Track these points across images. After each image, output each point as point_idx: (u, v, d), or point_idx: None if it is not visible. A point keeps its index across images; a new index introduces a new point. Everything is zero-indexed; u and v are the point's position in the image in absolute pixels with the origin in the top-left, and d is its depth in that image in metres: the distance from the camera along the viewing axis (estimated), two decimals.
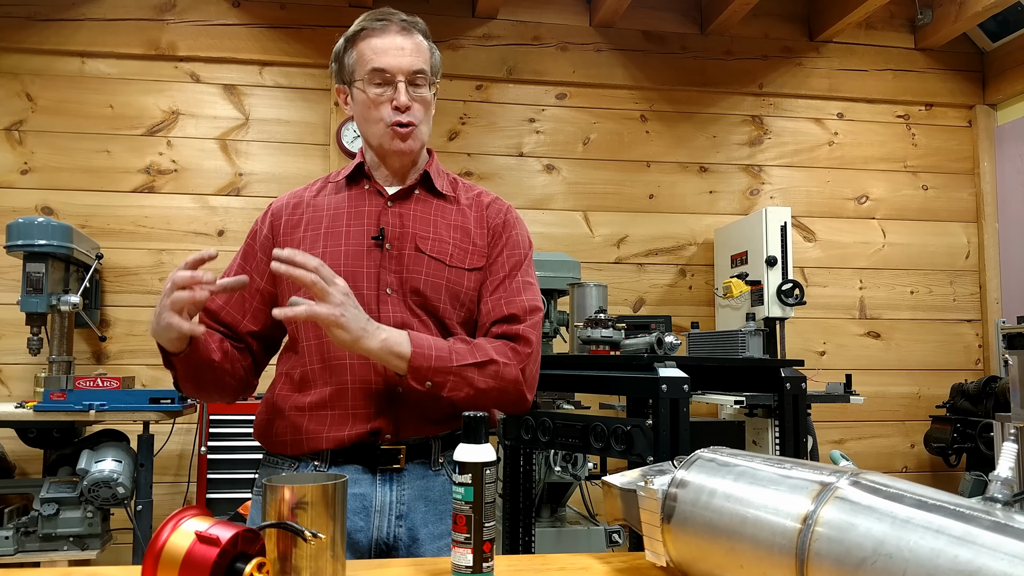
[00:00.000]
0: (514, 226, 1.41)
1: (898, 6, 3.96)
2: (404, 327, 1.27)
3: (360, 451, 1.28)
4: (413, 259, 1.32)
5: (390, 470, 1.29)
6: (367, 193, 1.37)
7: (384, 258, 1.32)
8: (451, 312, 1.33)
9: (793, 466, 0.85)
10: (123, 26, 3.40)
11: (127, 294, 3.34)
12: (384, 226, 1.33)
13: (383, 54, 1.30)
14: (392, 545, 1.28)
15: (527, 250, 1.41)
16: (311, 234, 1.35)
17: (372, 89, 1.31)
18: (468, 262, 1.35)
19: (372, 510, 1.27)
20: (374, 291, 1.30)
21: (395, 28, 1.32)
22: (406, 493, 1.29)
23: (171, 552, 0.77)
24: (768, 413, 2.94)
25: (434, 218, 1.36)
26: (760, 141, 3.90)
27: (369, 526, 1.27)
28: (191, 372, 1.26)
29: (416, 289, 1.31)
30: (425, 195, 1.39)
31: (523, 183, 3.68)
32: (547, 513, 2.77)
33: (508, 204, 1.44)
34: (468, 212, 1.39)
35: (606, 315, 2.27)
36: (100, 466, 2.58)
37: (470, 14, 3.65)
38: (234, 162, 3.46)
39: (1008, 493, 0.72)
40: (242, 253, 1.41)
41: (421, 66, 1.32)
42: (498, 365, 1.26)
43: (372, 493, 1.28)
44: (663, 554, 0.92)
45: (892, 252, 3.94)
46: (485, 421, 0.94)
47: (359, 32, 1.34)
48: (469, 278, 1.35)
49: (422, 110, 1.34)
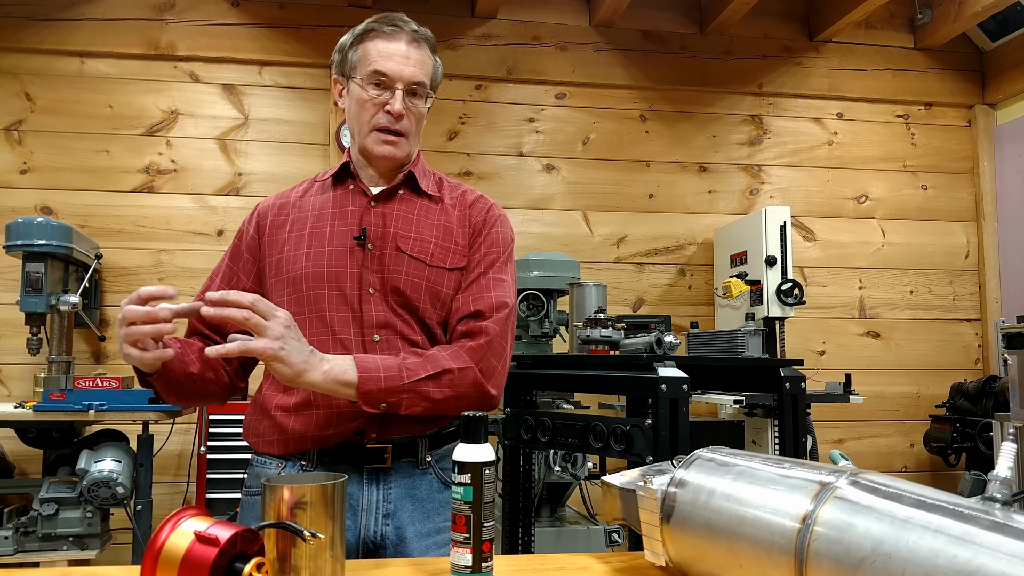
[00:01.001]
0: (495, 223, 1.40)
1: (897, 6, 3.96)
2: (387, 326, 1.29)
3: (346, 450, 1.28)
4: (394, 259, 1.32)
5: (377, 469, 1.29)
6: (351, 193, 1.38)
7: (366, 258, 1.32)
8: (431, 311, 1.33)
9: (792, 466, 0.85)
10: (122, 26, 3.40)
11: (126, 294, 3.29)
12: (366, 226, 1.34)
13: (388, 59, 1.31)
14: (379, 544, 1.29)
15: (506, 247, 1.40)
16: (296, 235, 1.35)
17: (370, 90, 1.33)
18: (449, 261, 1.35)
19: (359, 509, 1.28)
20: (356, 291, 1.30)
21: (405, 37, 1.33)
22: (393, 492, 1.30)
23: (170, 552, 0.77)
24: (768, 413, 2.94)
25: (417, 217, 1.37)
26: (760, 141, 3.90)
27: (356, 525, 1.27)
28: (170, 387, 1.26)
29: (397, 288, 1.31)
30: (409, 195, 1.39)
31: (523, 183, 3.68)
32: (546, 513, 2.77)
33: (492, 202, 1.44)
34: (452, 211, 1.39)
35: (605, 315, 2.27)
36: (99, 466, 2.58)
37: (469, 14, 3.65)
38: (233, 162, 3.46)
39: (1007, 493, 0.72)
40: (229, 254, 1.42)
41: (422, 78, 1.33)
42: (453, 373, 1.24)
43: (359, 492, 1.28)
44: (662, 554, 0.92)
45: (892, 252, 3.94)
46: (484, 421, 0.94)
47: (369, 31, 1.34)
48: (450, 278, 1.35)
49: (414, 122, 1.35)
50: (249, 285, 1.37)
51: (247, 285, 1.37)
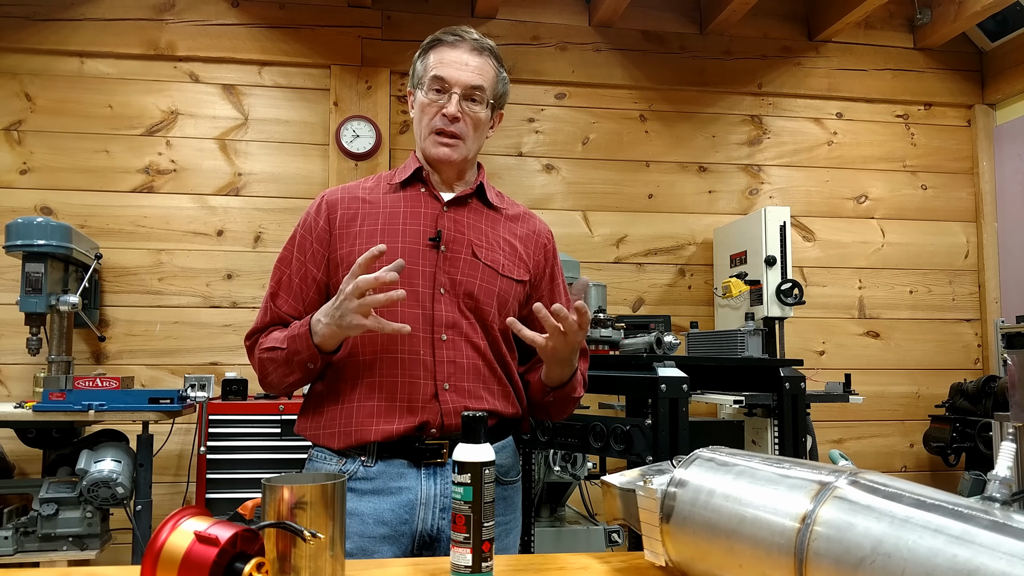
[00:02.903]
0: (555, 248, 1.56)
1: (897, 6, 3.96)
2: (454, 327, 1.35)
3: (405, 445, 1.32)
4: (468, 264, 1.38)
5: (434, 464, 1.33)
6: (423, 196, 1.42)
7: (440, 259, 1.37)
8: (497, 318, 1.39)
9: (792, 466, 0.85)
10: (122, 26, 3.40)
11: (126, 294, 3.34)
12: (441, 229, 1.38)
13: (447, 65, 1.38)
14: (435, 537, 1.32)
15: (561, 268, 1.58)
16: (367, 228, 1.38)
17: (429, 95, 1.39)
18: (517, 273, 1.43)
19: (417, 503, 1.31)
20: (429, 289, 1.35)
21: (467, 46, 1.39)
22: (449, 487, 1.33)
23: (170, 552, 0.77)
24: (767, 413, 2.94)
25: (486, 228, 1.43)
26: (759, 141, 3.90)
27: (413, 518, 1.31)
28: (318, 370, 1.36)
29: (470, 293, 1.36)
30: (479, 204, 1.45)
31: (522, 183, 3.68)
32: (546, 513, 2.77)
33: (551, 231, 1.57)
34: (515, 227, 1.48)
35: (605, 315, 2.27)
36: (99, 466, 2.58)
37: (469, 14, 3.65)
38: (233, 162, 3.46)
39: (1006, 492, 0.72)
40: (297, 245, 1.42)
41: (480, 83, 1.39)
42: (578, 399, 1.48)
43: (417, 487, 1.32)
44: (662, 554, 0.92)
45: (891, 252, 3.94)
46: (483, 421, 0.95)
47: (434, 43, 1.42)
48: (517, 288, 1.43)
49: (471, 126, 1.40)
50: (319, 276, 1.39)
51: (317, 277, 1.39)
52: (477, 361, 1.36)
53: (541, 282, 1.49)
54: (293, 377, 1.34)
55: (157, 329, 3.34)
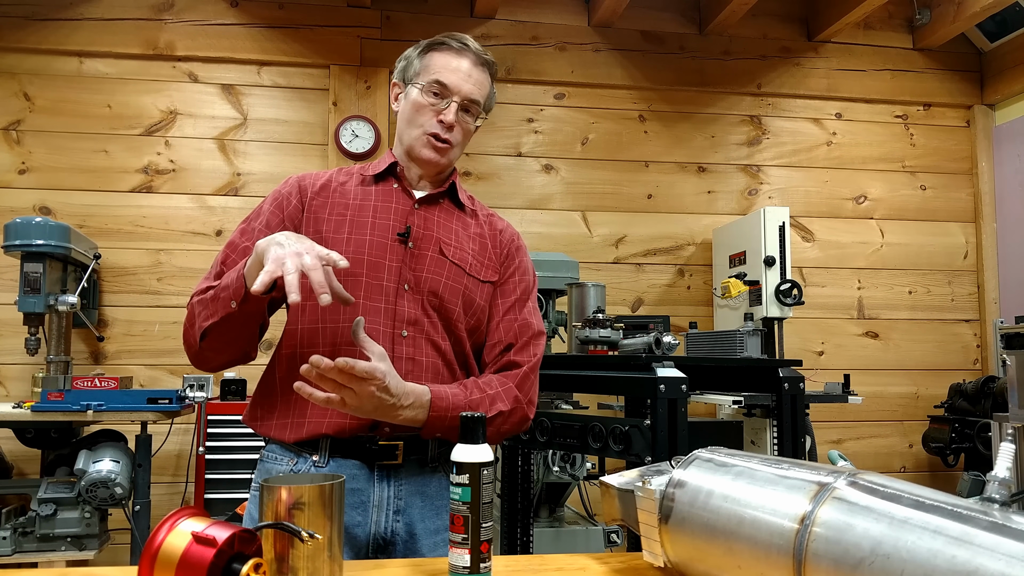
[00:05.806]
0: (523, 254, 1.50)
1: (896, 6, 3.96)
2: (416, 324, 1.33)
3: (357, 446, 1.29)
4: (435, 261, 1.37)
5: (387, 465, 1.30)
6: (395, 192, 1.42)
7: (406, 255, 1.36)
8: (462, 317, 1.37)
9: (791, 466, 0.85)
10: (121, 26, 3.39)
11: (125, 294, 3.33)
12: (411, 225, 1.38)
13: (451, 72, 1.38)
14: (389, 540, 1.29)
15: (534, 277, 1.51)
16: (336, 218, 1.37)
17: (428, 96, 1.38)
18: (484, 274, 1.41)
19: (370, 505, 1.29)
20: (394, 284, 1.34)
21: (471, 56, 1.40)
22: (403, 488, 1.31)
23: (168, 552, 0.77)
24: (766, 413, 2.94)
25: (456, 227, 1.43)
26: (758, 141, 3.90)
27: (367, 521, 1.28)
28: (243, 320, 1.24)
29: (435, 291, 1.35)
30: (449, 204, 1.45)
31: (521, 183, 3.68)
32: (545, 513, 2.77)
33: (516, 231, 1.53)
34: (483, 229, 1.47)
35: (604, 315, 2.27)
36: (98, 466, 2.58)
37: (468, 14, 3.65)
38: (232, 162, 3.46)
39: (1006, 493, 0.72)
40: (265, 222, 1.38)
41: (478, 97, 1.40)
42: (504, 415, 1.32)
43: (370, 488, 1.29)
44: (661, 554, 0.92)
45: (890, 252, 3.94)
46: (482, 421, 0.94)
47: (439, 44, 1.41)
48: (483, 289, 1.40)
49: (461, 135, 1.41)
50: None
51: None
52: (437, 360, 1.34)
53: (507, 282, 1.45)
54: (211, 321, 1.22)
55: (156, 329, 3.34)
